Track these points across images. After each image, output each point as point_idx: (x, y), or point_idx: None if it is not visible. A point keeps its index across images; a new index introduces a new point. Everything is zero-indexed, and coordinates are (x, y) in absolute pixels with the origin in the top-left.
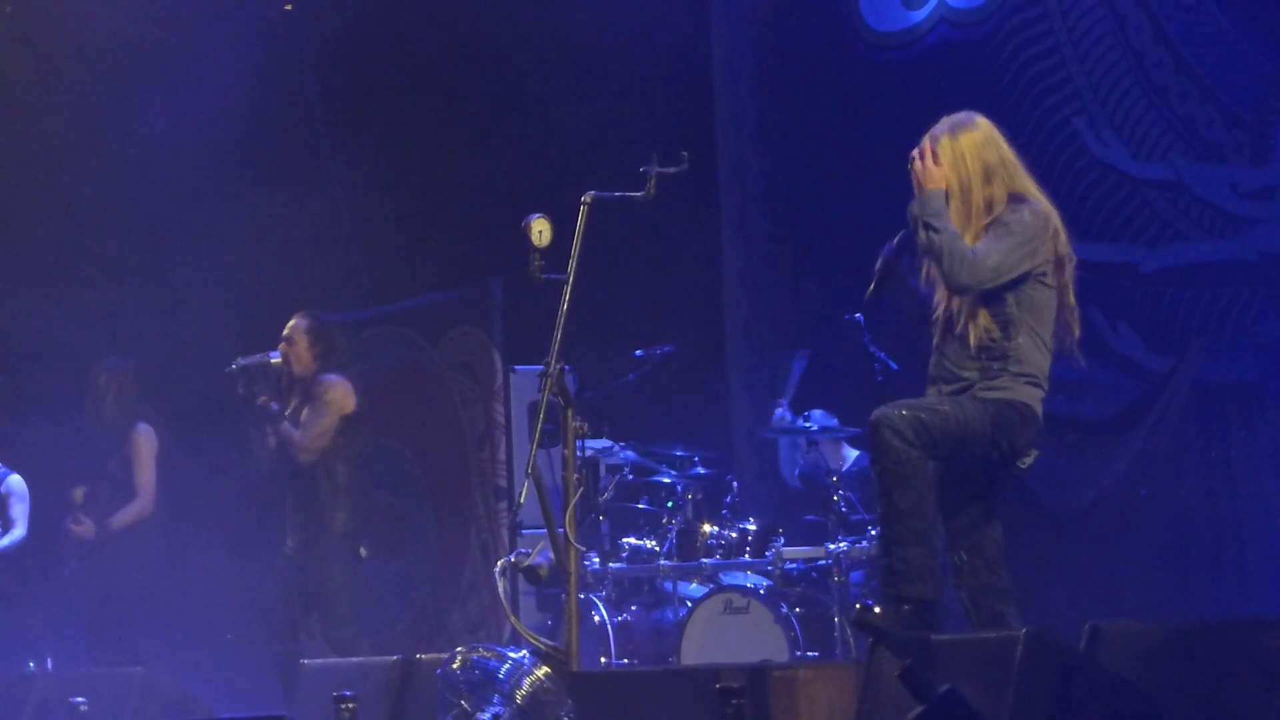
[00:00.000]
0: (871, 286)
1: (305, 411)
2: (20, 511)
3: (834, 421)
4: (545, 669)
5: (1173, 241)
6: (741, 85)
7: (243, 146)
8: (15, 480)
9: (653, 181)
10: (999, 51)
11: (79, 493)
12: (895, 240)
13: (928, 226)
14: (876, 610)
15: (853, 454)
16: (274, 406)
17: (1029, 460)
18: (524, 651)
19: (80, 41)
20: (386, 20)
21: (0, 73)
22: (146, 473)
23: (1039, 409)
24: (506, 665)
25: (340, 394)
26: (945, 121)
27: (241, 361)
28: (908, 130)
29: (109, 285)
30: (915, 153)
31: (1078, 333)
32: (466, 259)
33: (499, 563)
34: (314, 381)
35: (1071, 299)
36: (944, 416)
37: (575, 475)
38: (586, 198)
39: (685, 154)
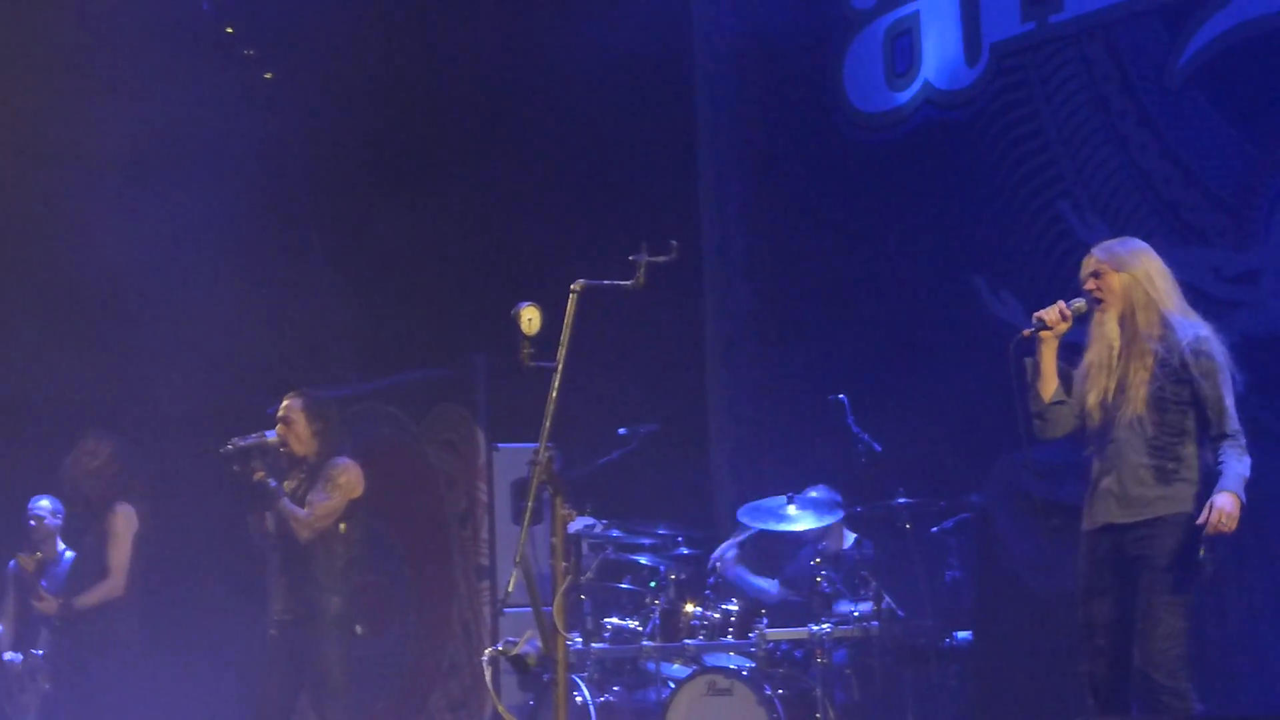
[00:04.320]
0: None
1: (312, 491)
2: None
3: (836, 496)
4: None
5: None
6: (726, 164)
7: (229, 223)
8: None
9: (642, 270)
10: (984, 133)
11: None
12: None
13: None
14: None
15: (851, 536)
16: (272, 483)
17: None
18: None
19: (81, 141)
20: (373, 98)
21: (8, 167)
22: (119, 553)
23: None
24: None
25: (353, 478)
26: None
27: (238, 442)
28: (892, 210)
29: (98, 361)
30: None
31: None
32: (450, 336)
33: (486, 651)
34: (325, 463)
35: None
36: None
37: (564, 563)
38: (576, 286)
39: (674, 243)
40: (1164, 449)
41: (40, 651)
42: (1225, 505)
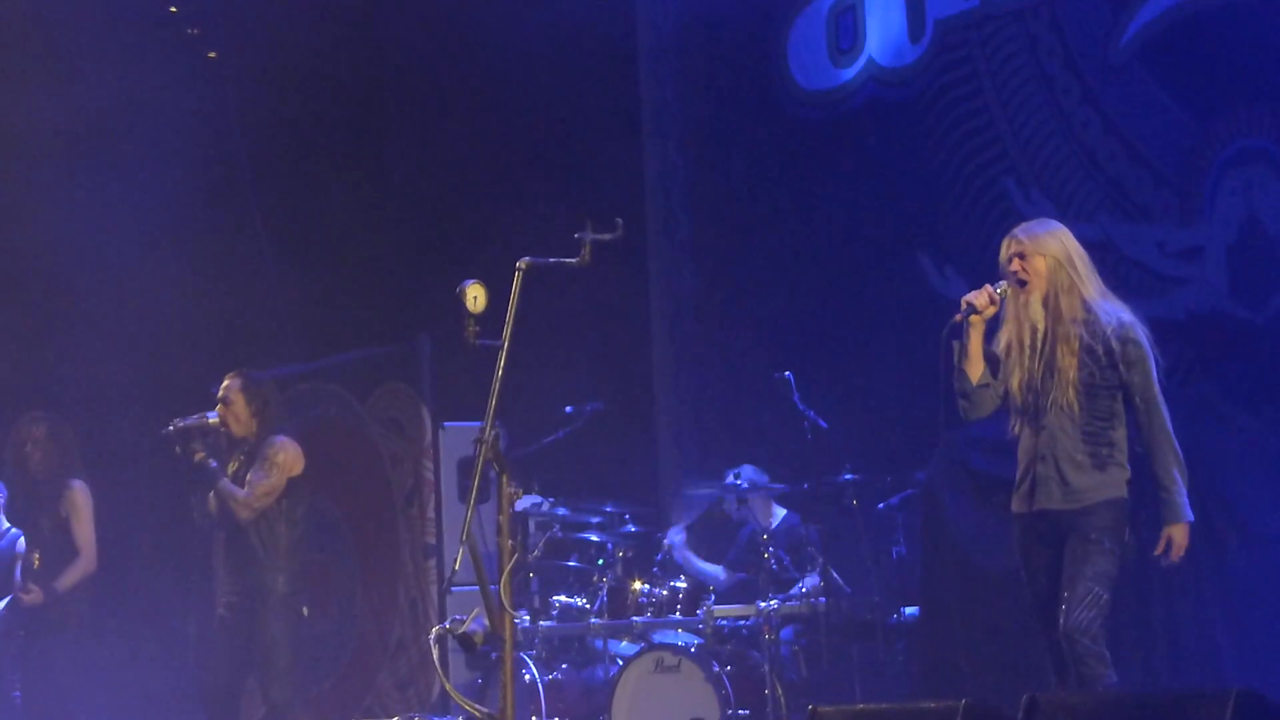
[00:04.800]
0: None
1: (251, 471)
2: None
3: (764, 478)
4: None
5: None
6: (671, 142)
7: (172, 202)
8: None
9: (587, 248)
10: (928, 111)
11: (36, 557)
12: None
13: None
14: None
15: (780, 512)
16: (212, 463)
17: None
18: (458, 719)
19: (21, 120)
20: (316, 76)
21: None
22: (86, 530)
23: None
24: None
25: (291, 456)
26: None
27: (179, 423)
28: (836, 187)
29: (39, 342)
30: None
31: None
32: (395, 315)
33: (433, 630)
34: (263, 442)
35: None
36: (1107, 601)
37: (510, 541)
38: (522, 264)
39: (619, 220)
40: (1097, 435)
41: None
42: (1181, 539)
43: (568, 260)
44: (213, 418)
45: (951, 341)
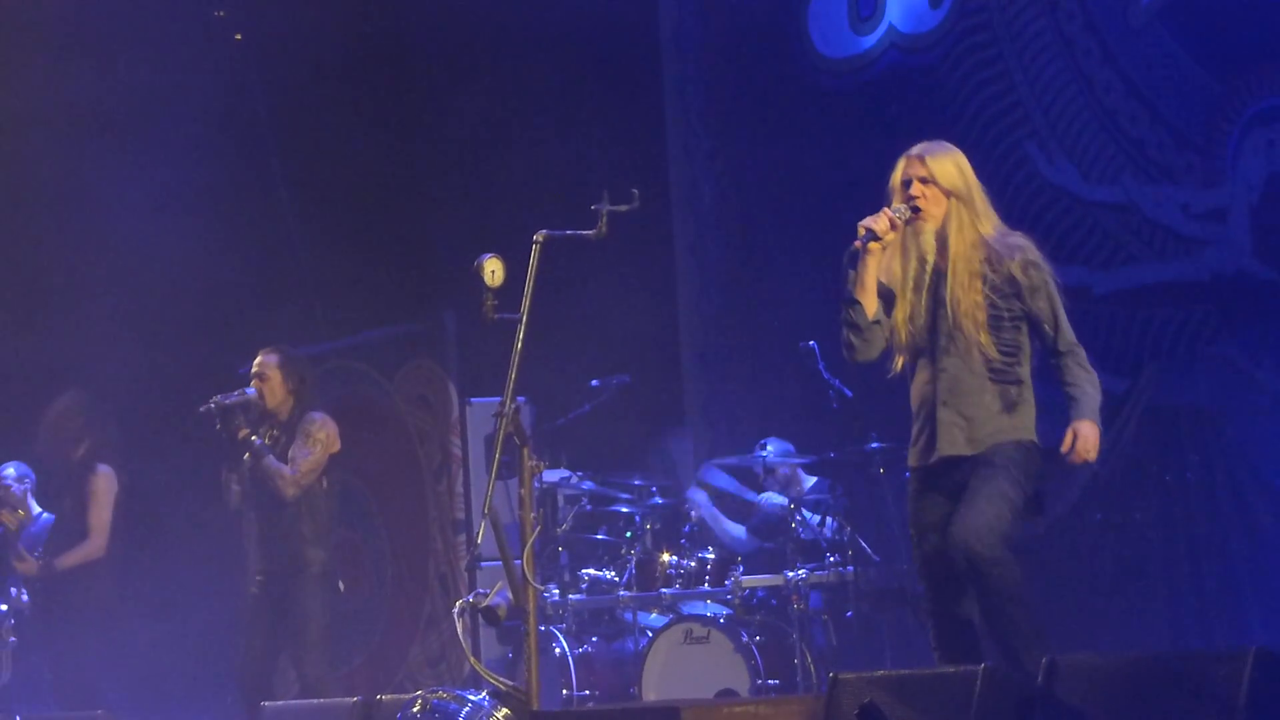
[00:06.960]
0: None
1: (293, 447)
2: None
3: (789, 447)
4: (505, 711)
5: (1125, 264)
6: (693, 113)
7: (197, 183)
8: None
9: (604, 219)
10: (949, 77)
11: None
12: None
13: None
14: None
15: (810, 480)
16: (257, 440)
17: None
18: (484, 693)
19: (45, 101)
20: (338, 53)
21: None
22: (100, 515)
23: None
24: (466, 709)
25: (332, 433)
26: (922, 146)
27: (222, 400)
28: (859, 155)
29: (61, 324)
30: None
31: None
32: (420, 292)
33: (457, 603)
34: (304, 419)
35: None
36: (1015, 511)
37: (533, 514)
38: (538, 236)
39: (636, 191)
40: (1005, 371)
41: (4, 607)
42: (1090, 435)
43: (584, 232)
44: (252, 393)
45: (848, 270)
